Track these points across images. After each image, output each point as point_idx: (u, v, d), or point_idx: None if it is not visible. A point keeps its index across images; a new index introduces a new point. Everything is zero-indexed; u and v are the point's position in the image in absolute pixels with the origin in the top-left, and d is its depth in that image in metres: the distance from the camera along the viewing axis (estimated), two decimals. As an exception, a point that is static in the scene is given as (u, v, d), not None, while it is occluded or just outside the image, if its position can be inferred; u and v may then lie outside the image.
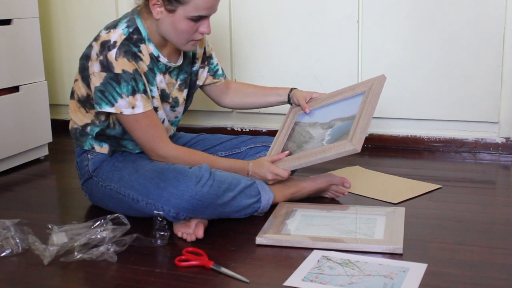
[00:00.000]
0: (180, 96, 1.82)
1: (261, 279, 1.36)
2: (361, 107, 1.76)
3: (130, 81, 1.60)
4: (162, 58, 1.70)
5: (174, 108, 1.82)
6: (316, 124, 1.85)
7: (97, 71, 1.61)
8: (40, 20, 2.52)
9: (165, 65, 1.73)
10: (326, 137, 1.77)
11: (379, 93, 1.78)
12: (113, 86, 1.60)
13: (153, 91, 1.70)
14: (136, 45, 1.65)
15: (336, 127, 1.78)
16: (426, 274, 1.34)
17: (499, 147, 2.37)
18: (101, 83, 1.60)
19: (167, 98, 1.77)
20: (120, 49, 1.60)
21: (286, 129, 1.90)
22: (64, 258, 1.45)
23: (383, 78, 1.84)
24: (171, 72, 1.77)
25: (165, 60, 1.71)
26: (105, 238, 1.48)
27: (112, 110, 1.62)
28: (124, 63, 1.60)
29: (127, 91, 1.60)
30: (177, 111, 1.84)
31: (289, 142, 1.84)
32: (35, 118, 2.37)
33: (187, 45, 1.67)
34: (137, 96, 1.62)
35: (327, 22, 2.47)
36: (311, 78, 2.54)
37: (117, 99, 1.61)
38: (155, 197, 1.58)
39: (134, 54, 1.63)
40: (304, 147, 1.78)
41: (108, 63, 1.59)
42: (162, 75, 1.73)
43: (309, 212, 1.72)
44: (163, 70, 1.73)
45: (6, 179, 2.20)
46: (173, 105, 1.80)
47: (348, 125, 1.74)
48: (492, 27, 2.27)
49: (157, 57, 1.70)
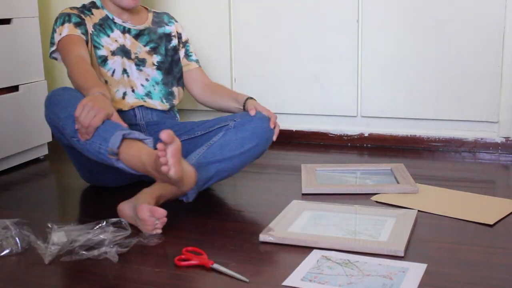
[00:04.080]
0: (149, 59, 2.02)
1: (260, 279, 1.36)
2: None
3: (62, 17, 1.91)
4: (117, 19, 2.00)
5: (139, 67, 2.00)
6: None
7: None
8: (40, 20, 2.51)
9: (123, 26, 2.00)
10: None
11: None
12: (53, 27, 1.92)
13: (101, 41, 1.95)
14: (89, 10, 1.98)
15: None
16: (426, 273, 1.34)
17: (499, 146, 2.37)
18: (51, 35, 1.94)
19: (128, 54, 1.99)
20: (67, 8, 1.95)
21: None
22: (65, 258, 1.45)
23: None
24: (137, 36, 2.02)
25: (120, 21, 2.00)
26: (105, 240, 1.48)
27: (53, 48, 1.91)
28: (65, 10, 1.94)
29: (60, 23, 1.91)
30: (144, 71, 2.01)
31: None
32: (35, 117, 2.37)
33: (123, 0, 1.95)
34: (65, 25, 1.90)
35: (327, 22, 2.47)
36: (311, 78, 2.54)
37: (54, 35, 1.91)
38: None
39: (80, 11, 1.95)
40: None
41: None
42: (121, 33, 2.00)
43: (320, 211, 1.72)
44: (120, 29, 2.00)
45: (5, 178, 2.20)
46: (137, 63, 2.00)
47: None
48: (492, 27, 2.27)
49: (112, 19, 1.99)
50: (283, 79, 2.58)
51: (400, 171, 2.05)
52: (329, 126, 2.58)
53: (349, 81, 2.49)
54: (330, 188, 1.93)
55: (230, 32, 2.58)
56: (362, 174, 2.10)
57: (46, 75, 2.49)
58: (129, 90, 1.98)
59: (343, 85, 2.51)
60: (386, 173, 2.08)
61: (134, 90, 1.99)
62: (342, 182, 2.00)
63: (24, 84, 2.32)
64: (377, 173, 2.09)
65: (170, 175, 1.44)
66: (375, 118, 2.51)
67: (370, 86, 2.47)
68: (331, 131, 2.57)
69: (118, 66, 1.96)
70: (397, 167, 2.09)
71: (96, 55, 1.94)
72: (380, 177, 2.04)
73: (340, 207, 1.75)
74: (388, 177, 2.04)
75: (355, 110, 2.52)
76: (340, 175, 2.08)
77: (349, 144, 2.54)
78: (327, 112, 2.56)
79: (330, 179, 2.04)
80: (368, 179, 2.03)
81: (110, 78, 1.96)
